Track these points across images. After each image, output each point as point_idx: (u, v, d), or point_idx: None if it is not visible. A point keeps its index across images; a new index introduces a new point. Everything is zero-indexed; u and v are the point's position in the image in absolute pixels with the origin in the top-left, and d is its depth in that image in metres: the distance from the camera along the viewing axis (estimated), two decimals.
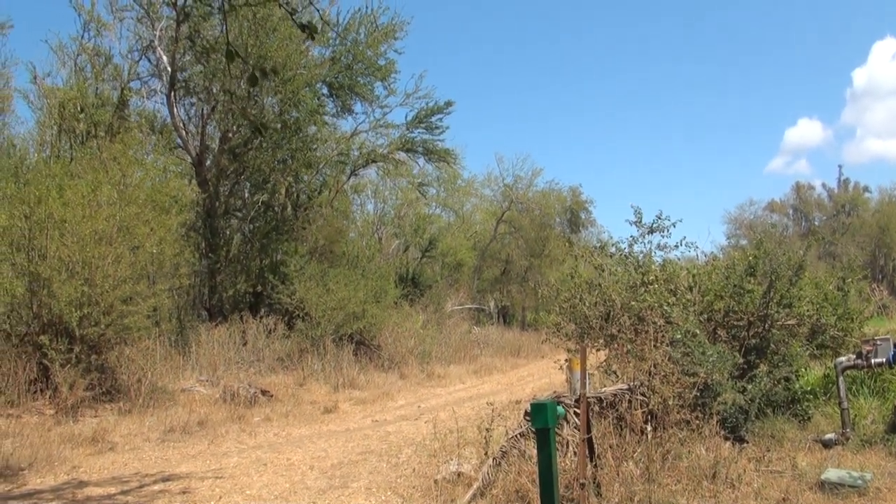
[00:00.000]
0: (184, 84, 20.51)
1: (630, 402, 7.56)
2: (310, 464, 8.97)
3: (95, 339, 12.35)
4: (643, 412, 7.47)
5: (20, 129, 21.99)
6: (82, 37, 20.37)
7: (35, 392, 11.72)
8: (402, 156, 25.64)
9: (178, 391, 13.59)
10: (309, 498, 7.39)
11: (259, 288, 20.39)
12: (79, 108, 18.69)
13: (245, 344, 16.88)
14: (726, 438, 8.18)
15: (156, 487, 7.89)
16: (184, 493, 7.62)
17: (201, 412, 12.26)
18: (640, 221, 11.08)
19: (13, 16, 22.53)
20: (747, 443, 8.65)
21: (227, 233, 21.32)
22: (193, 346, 16.04)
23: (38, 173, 13.41)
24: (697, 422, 7.54)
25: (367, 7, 21.86)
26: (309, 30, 4.75)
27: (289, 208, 22.12)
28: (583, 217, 43.78)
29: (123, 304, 12.67)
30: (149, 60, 20.84)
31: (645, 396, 7.63)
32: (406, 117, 24.56)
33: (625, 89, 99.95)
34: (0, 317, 12.26)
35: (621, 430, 7.22)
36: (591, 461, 6.42)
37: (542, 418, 5.53)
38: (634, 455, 6.91)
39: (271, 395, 14.19)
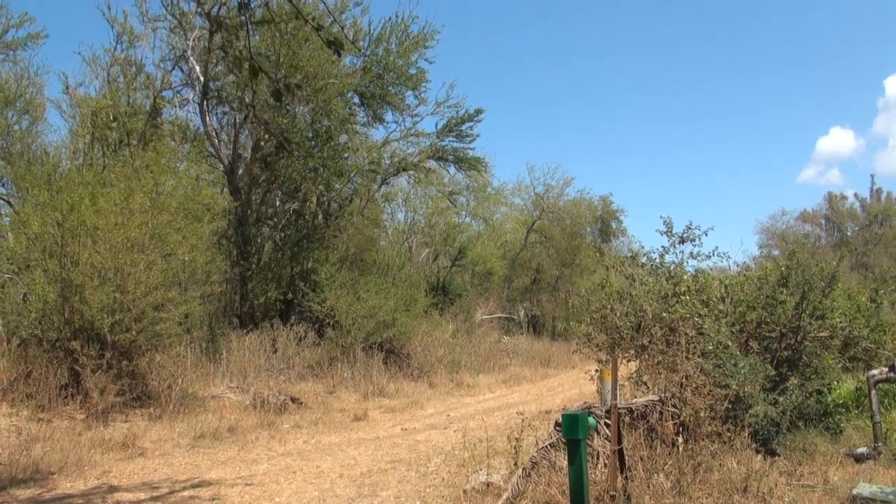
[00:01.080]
0: (216, 93, 20.68)
1: (661, 413, 7.48)
2: (339, 472, 8.95)
3: (126, 346, 12.43)
4: (674, 424, 7.39)
5: (53, 137, 22.35)
6: (115, 48, 20.64)
7: (66, 397, 11.82)
8: (432, 164, 25.71)
9: (208, 398, 13.66)
10: None
11: (290, 296, 20.46)
12: (111, 117, 18.90)
13: (275, 351, 16.95)
14: (758, 451, 8.08)
15: (186, 493, 7.91)
16: (214, 499, 7.63)
17: (231, 419, 12.30)
18: (671, 231, 10.99)
19: (46, 27, 22.87)
20: (779, 456, 8.53)
21: (259, 241, 21.43)
22: (224, 353, 16.13)
23: (71, 181, 13.53)
24: (729, 434, 7.44)
25: (398, 16, 21.90)
26: (335, 46, 4.75)
27: (320, 217, 22.19)
28: (614, 226, 43.52)
29: (155, 311, 12.75)
30: (181, 70, 21.06)
31: (676, 408, 7.55)
32: (436, 126, 24.64)
33: (655, 99, 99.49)
34: (32, 322, 12.37)
35: (652, 441, 7.14)
36: (622, 473, 6.34)
37: (573, 429, 5.48)
38: (665, 467, 6.82)
39: (301, 403, 14.21)
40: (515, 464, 7.39)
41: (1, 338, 13.65)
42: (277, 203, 22.24)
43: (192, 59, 20.01)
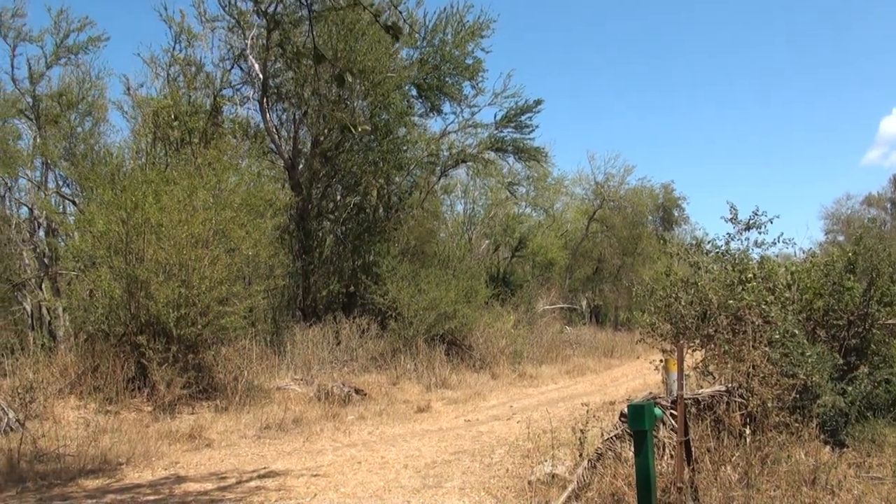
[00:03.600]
0: (275, 90, 20.91)
1: (728, 404, 7.34)
2: (403, 462, 8.97)
3: (192, 339, 12.65)
4: (741, 415, 7.24)
5: (115, 138, 22.81)
6: (174, 48, 20.98)
7: (133, 390, 12.09)
8: (491, 155, 25.62)
9: (273, 389, 13.84)
10: (403, 497, 7.38)
11: (352, 288, 20.62)
12: (172, 117, 19.21)
13: (339, 343, 17.11)
14: (826, 443, 7.88)
15: (252, 484, 8.01)
16: (280, 489, 7.71)
17: (296, 410, 12.44)
18: (736, 218, 10.76)
19: (106, 31, 23.40)
20: (847, 447, 8.29)
21: (320, 235, 21.63)
22: (288, 346, 16.33)
23: (135, 180, 13.81)
24: (797, 425, 7.27)
25: (452, 6, 21.86)
26: (394, 31, 4.75)
27: (380, 210, 22.31)
28: (676, 214, 42.98)
29: (220, 305, 12.95)
30: (241, 68, 21.33)
31: (743, 398, 7.39)
32: (495, 116, 24.55)
33: (716, 83, 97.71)
34: (99, 318, 12.68)
35: (719, 433, 7.01)
36: (689, 464, 6.23)
37: (639, 420, 5.40)
38: (733, 459, 6.69)
39: (365, 394, 14.30)
40: (581, 455, 7.32)
41: (68, 333, 14.05)
42: (338, 197, 22.42)
43: (250, 57, 20.26)
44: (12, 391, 10.72)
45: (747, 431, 7.04)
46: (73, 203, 19.50)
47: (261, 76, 19.90)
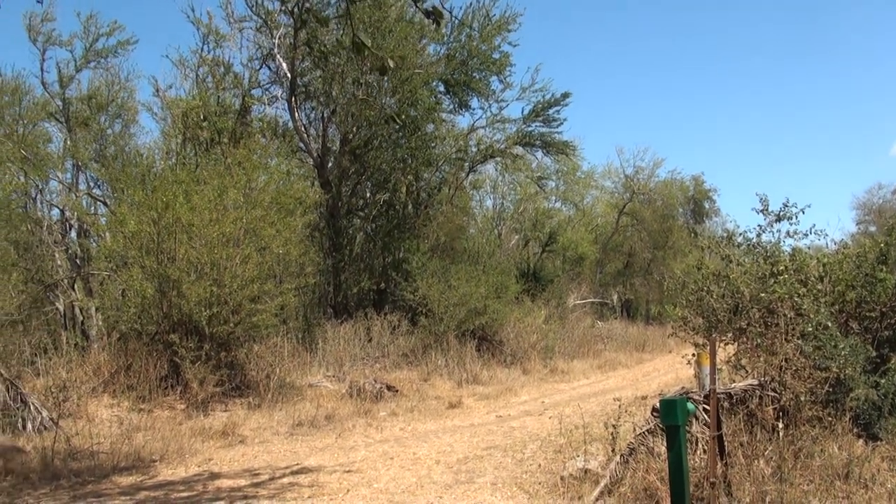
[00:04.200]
0: (304, 89, 21.00)
1: (761, 398, 7.27)
2: (435, 458, 8.99)
3: (224, 337, 12.76)
4: (774, 409, 7.17)
5: (145, 139, 23.06)
6: (202, 49, 21.13)
7: (166, 388, 12.21)
8: (519, 150, 25.55)
9: (305, 386, 13.92)
10: (435, 492, 7.39)
11: (382, 285, 20.70)
12: (202, 117, 19.36)
13: (370, 340, 17.17)
14: (859, 436, 7.77)
15: (285, 480, 8.06)
16: (313, 485, 7.75)
17: (328, 407, 12.50)
18: (767, 209, 10.64)
19: (135, 33, 23.64)
20: (881, 441, 8.17)
21: (351, 232, 21.72)
22: (320, 343, 16.43)
23: (165, 180, 13.93)
24: (830, 419, 7.20)
25: (478, 1, 21.77)
26: (434, 16, 4.74)
27: (409, 206, 22.36)
28: (706, 206, 42.57)
29: (251, 303, 13.04)
30: (269, 68, 21.45)
31: (776, 392, 7.33)
32: (523, 111, 24.45)
33: (744, 74, 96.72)
34: (131, 317, 12.82)
35: (752, 427, 6.95)
36: (722, 459, 6.18)
37: (672, 415, 5.37)
38: (765, 453, 6.63)
39: (396, 391, 14.35)
40: (613, 450, 7.29)
41: (101, 332, 14.23)
42: (367, 194, 22.49)
43: (278, 56, 20.36)
44: (46, 390, 10.88)
45: (780, 425, 6.98)
46: (105, 204, 19.70)
47: (289, 75, 20.00)
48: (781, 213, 10.52)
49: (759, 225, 10.73)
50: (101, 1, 53.43)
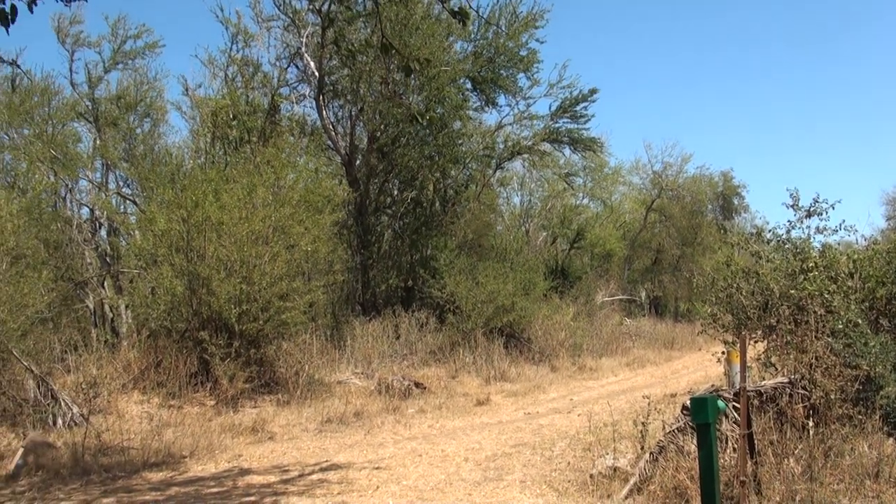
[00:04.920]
0: (331, 87, 21.08)
1: (791, 396, 7.22)
2: (464, 455, 9.01)
3: (254, 334, 12.86)
4: (804, 407, 7.12)
5: (175, 138, 23.23)
6: (230, 49, 21.26)
7: (196, 384, 12.34)
8: (547, 146, 25.44)
9: (334, 383, 14.00)
10: (464, 489, 7.42)
11: (410, 282, 20.74)
12: (231, 116, 19.49)
13: (398, 337, 17.22)
14: (889, 435, 7.68)
15: (315, 476, 8.12)
16: (342, 482, 7.80)
17: (357, 404, 12.57)
18: (797, 205, 10.55)
19: (164, 33, 23.89)
20: None
21: (378, 229, 21.78)
22: (348, 340, 16.50)
23: (195, 179, 14.05)
24: (860, 417, 7.13)
25: None
26: (461, 16, 4.77)
27: (437, 204, 22.38)
28: (735, 202, 42.13)
29: (280, 301, 13.12)
30: (297, 67, 21.54)
31: (806, 390, 7.27)
32: (550, 107, 24.34)
33: (772, 68, 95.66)
34: (161, 314, 12.95)
35: (782, 425, 6.90)
36: (752, 458, 6.15)
37: (702, 413, 5.36)
38: (795, 452, 6.58)
39: (424, 388, 14.38)
40: (642, 448, 7.28)
41: (131, 330, 14.38)
42: (395, 192, 22.53)
43: (306, 55, 20.44)
44: (76, 387, 11.04)
45: (810, 424, 6.93)
46: (134, 203, 19.90)
47: (316, 74, 20.09)
48: (811, 209, 10.44)
49: (788, 221, 10.67)
50: (129, 1, 53.94)
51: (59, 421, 10.14)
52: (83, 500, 7.32)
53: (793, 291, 9.31)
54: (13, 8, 4.70)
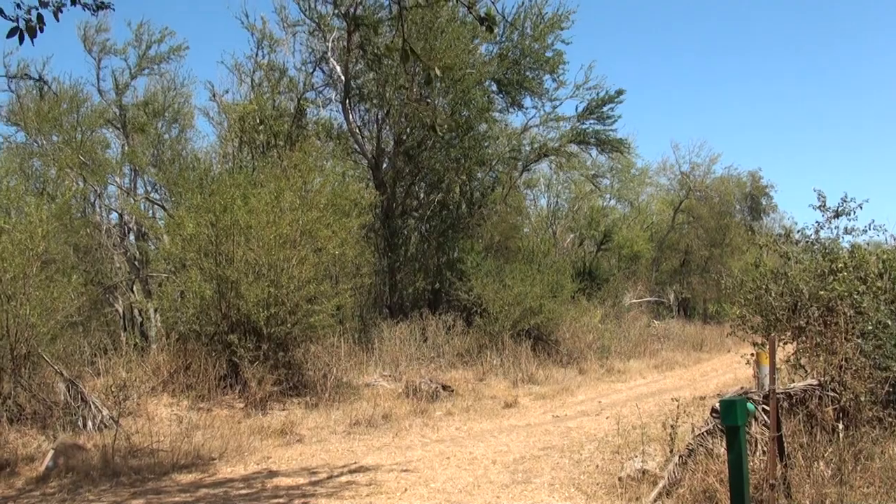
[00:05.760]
0: (357, 91, 21.17)
1: (820, 398, 7.14)
2: (492, 458, 9.00)
3: (282, 337, 12.95)
4: (834, 409, 7.05)
5: (202, 143, 23.53)
6: (256, 54, 21.49)
7: (225, 387, 12.44)
8: (573, 148, 25.38)
9: (362, 386, 14.05)
10: (493, 492, 7.41)
11: (437, 285, 20.77)
12: (258, 121, 19.67)
13: (425, 340, 17.25)
14: None
15: (343, 478, 8.15)
16: (371, 484, 7.83)
17: (385, 406, 12.59)
18: (825, 205, 10.45)
19: (190, 41, 24.10)
20: None
21: (405, 232, 21.84)
22: (376, 343, 16.56)
23: (223, 183, 14.15)
24: (890, 420, 7.05)
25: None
26: (488, 22, 4.78)
27: (463, 206, 22.39)
28: (763, 203, 41.74)
29: (308, 304, 13.20)
30: (322, 71, 21.70)
31: (835, 392, 7.19)
32: (576, 109, 24.31)
33: (799, 67, 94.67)
34: (190, 318, 13.07)
35: (811, 428, 6.83)
36: (781, 461, 6.09)
37: (732, 416, 5.32)
38: (825, 455, 6.51)
39: (452, 390, 14.39)
40: (671, 451, 7.24)
41: (160, 333, 14.53)
42: (422, 195, 22.58)
43: (332, 59, 20.56)
44: (106, 390, 11.15)
45: (840, 426, 6.86)
46: (163, 207, 20.13)
47: (342, 78, 20.18)
48: (839, 209, 10.34)
49: (817, 222, 10.57)
50: (155, 10, 54.48)
51: (89, 423, 10.24)
52: (113, 502, 7.40)
53: (822, 292, 9.22)
54: (39, 17, 4.78)
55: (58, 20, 5.01)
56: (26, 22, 4.73)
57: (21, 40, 4.74)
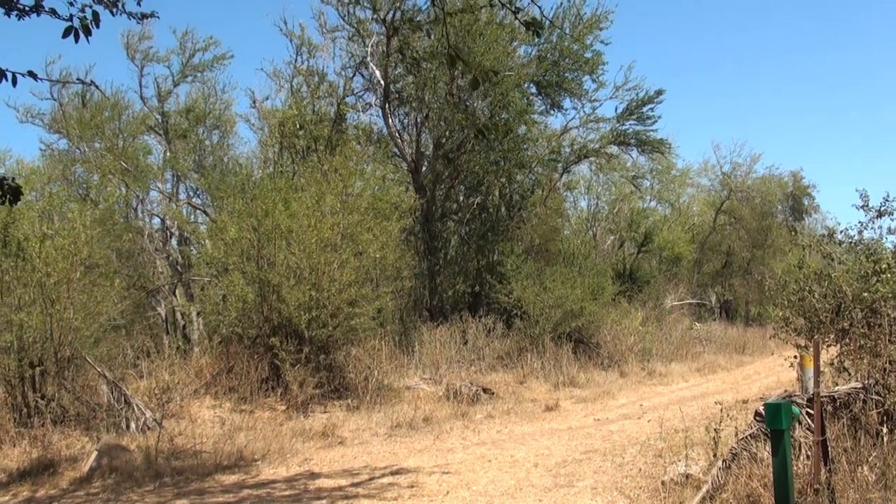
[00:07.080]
0: (397, 95, 21.27)
1: (864, 401, 7.03)
2: (534, 461, 8.99)
3: (324, 340, 13.04)
4: (878, 413, 6.93)
5: (243, 149, 23.80)
6: (296, 60, 21.70)
7: (267, 390, 12.57)
8: (613, 149, 25.27)
9: (402, 389, 14.10)
10: (535, 495, 7.40)
11: (477, 288, 20.77)
12: (298, 126, 19.85)
13: (465, 343, 17.26)
14: None
15: (385, 480, 8.19)
16: (412, 486, 7.85)
17: (426, 409, 12.61)
18: (868, 205, 10.30)
19: (232, 47, 24.44)
20: None
21: (445, 235, 21.87)
22: (416, 346, 16.62)
23: (264, 188, 14.30)
24: None
25: (569, 0, 21.64)
26: (534, 27, 4.79)
27: (503, 209, 22.37)
28: (805, 203, 41.16)
29: (349, 307, 13.28)
30: (362, 76, 21.82)
31: (880, 396, 7.08)
32: (616, 110, 24.17)
33: (840, 66, 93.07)
34: (232, 321, 13.24)
35: (855, 432, 6.72)
36: (826, 465, 6.01)
37: (777, 419, 5.25)
38: (869, 459, 6.40)
39: (492, 393, 14.38)
40: (715, 455, 7.16)
41: (203, 336, 14.72)
42: (461, 198, 22.61)
43: (371, 64, 20.66)
44: (149, 392, 11.31)
45: (884, 430, 6.74)
46: (204, 212, 20.39)
47: (382, 82, 20.28)
48: (882, 209, 10.19)
49: (860, 222, 10.44)
50: (195, 17, 55.18)
51: (133, 425, 10.41)
52: (157, 502, 7.50)
53: (865, 294, 9.10)
54: (95, 14, 4.84)
55: (113, 15, 5.09)
56: (81, 20, 4.79)
57: (76, 39, 4.79)
